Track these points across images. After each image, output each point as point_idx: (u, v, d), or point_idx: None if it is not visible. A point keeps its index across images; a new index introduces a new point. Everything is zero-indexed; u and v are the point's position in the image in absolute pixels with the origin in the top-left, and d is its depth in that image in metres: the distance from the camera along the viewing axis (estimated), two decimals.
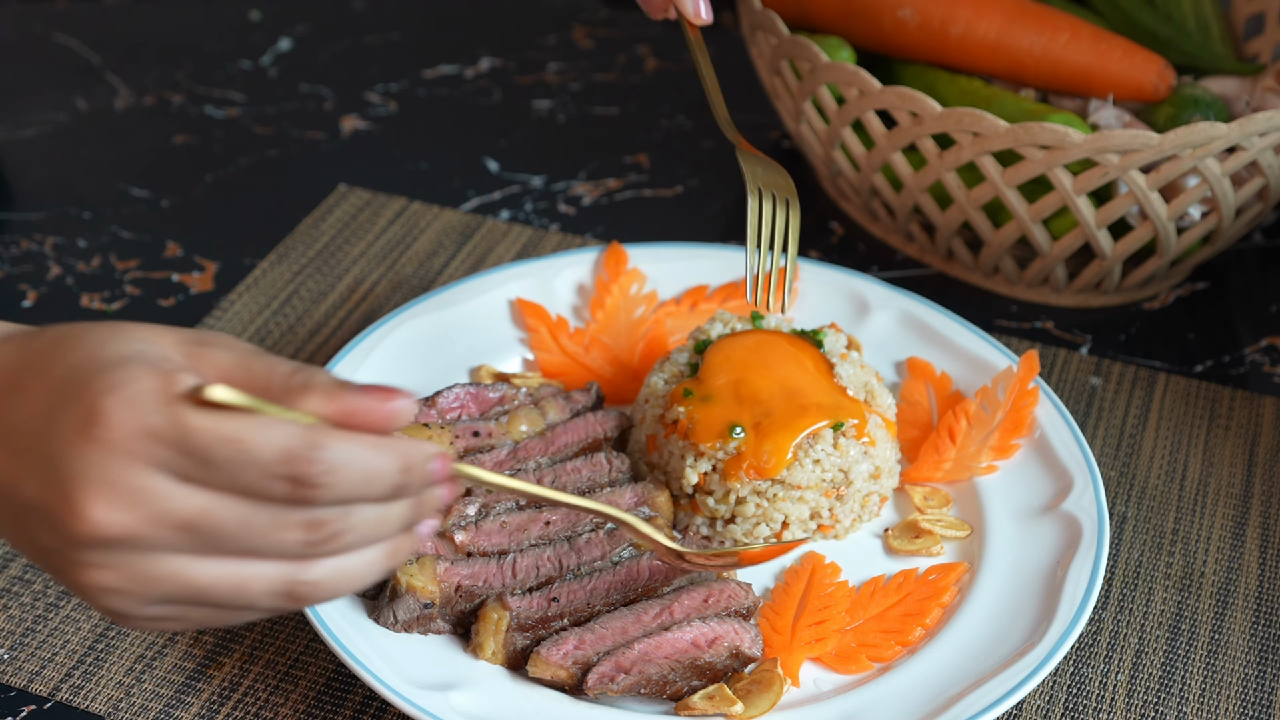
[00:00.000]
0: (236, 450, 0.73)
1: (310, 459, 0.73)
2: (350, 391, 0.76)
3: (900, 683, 1.05)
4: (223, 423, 0.73)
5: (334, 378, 0.77)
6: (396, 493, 0.77)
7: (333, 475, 0.74)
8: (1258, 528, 1.23)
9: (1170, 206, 1.34)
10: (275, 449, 0.73)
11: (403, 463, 0.76)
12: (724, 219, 1.57)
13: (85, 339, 0.77)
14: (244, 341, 0.80)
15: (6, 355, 0.79)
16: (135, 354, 0.75)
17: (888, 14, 1.49)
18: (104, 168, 1.60)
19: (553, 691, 1.02)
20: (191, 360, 0.77)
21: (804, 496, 1.13)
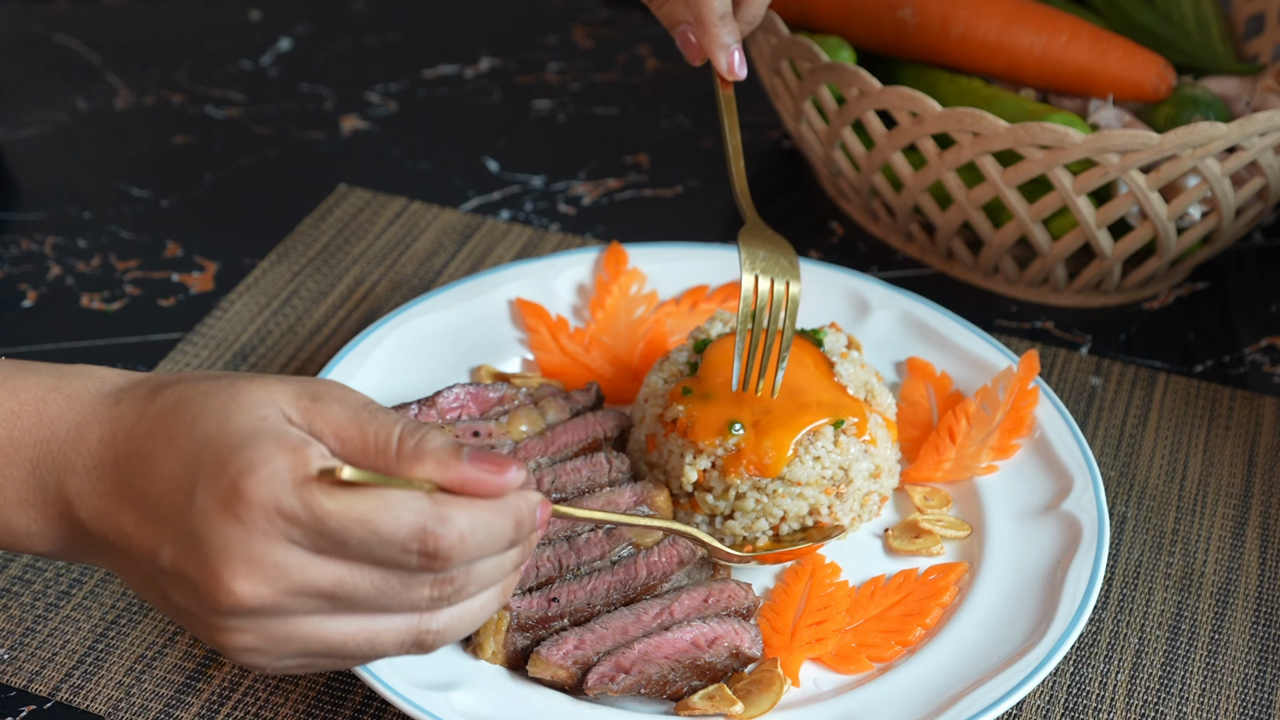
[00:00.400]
0: (369, 531, 0.78)
1: (439, 535, 0.79)
2: (463, 461, 0.81)
3: (900, 683, 1.05)
4: (354, 504, 0.78)
5: (445, 439, 0.82)
6: (512, 544, 0.84)
7: (461, 545, 0.80)
8: (1258, 528, 1.23)
9: (1170, 206, 1.34)
10: (405, 527, 0.79)
11: (516, 519, 0.82)
12: (724, 219, 1.57)
13: (208, 407, 0.82)
14: (353, 391, 0.84)
15: (124, 417, 0.84)
16: (263, 427, 0.80)
17: (888, 14, 1.49)
18: (104, 168, 1.60)
19: (553, 691, 1.02)
20: (308, 418, 0.82)
21: (804, 493, 1.13)
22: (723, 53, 1.18)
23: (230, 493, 0.78)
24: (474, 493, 0.81)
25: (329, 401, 0.83)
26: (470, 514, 0.80)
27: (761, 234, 1.18)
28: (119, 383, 0.87)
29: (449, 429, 1.17)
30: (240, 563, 0.78)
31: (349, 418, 0.82)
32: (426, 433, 0.82)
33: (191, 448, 0.80)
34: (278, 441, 0.79)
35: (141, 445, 0.82)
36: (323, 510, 0.77)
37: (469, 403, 1.20)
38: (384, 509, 0.78)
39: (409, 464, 0.81)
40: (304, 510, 0.77)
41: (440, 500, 0.80)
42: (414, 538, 0.79)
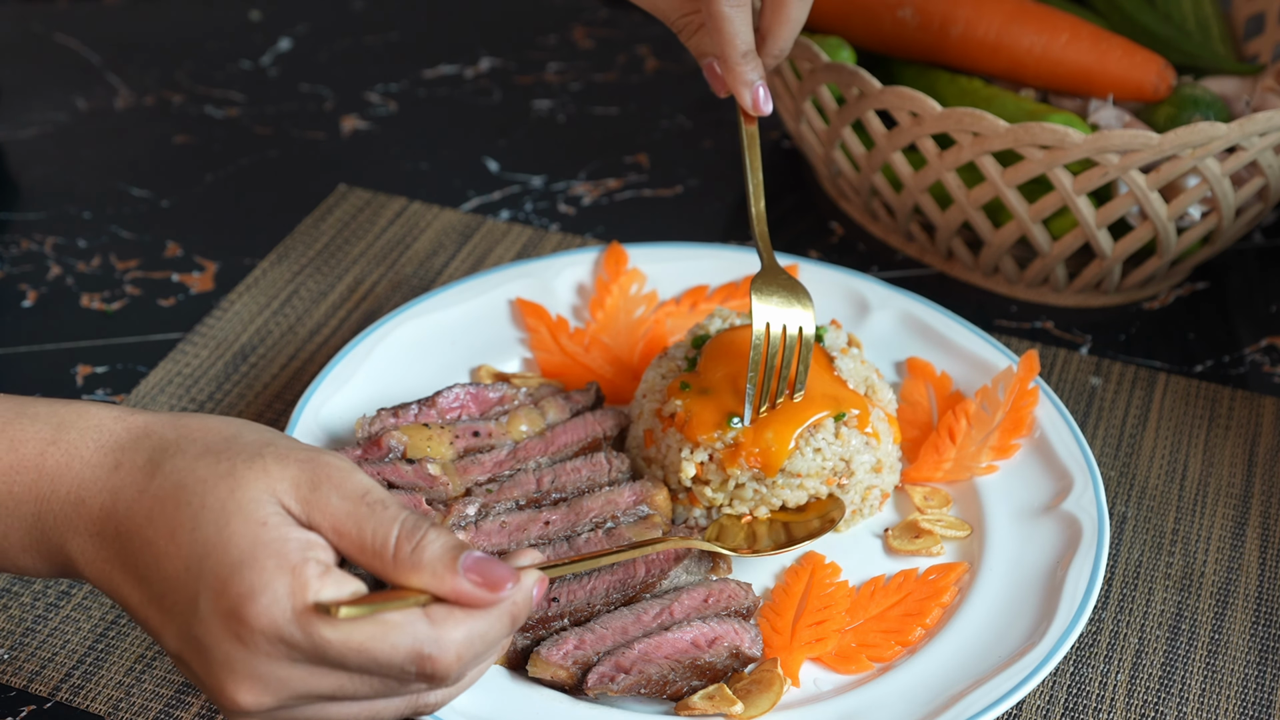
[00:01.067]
0: (368, 658, 0.81)
1: (435, 658, 0.82)
2: (458, 575, 0.82)
3: (900, 683, 1.05)
4: (351, 633, 0.80)
5: (441, 547, 0.83)
6: (507, 636, 0.87)
7: (458, 660, 0.83)
8: (1258, 528, 1.23)
9: (1170, 206, 1.34)
10: (403, 653, 0.81)
11: (512, 616, 0.86)
12: (724, 219, 1.57)
13: (207, 503, 0.83)
14: (355, 475, 0.85)
15: (123, 491, 0.85)
16: (263, 539, 0.81)
17: (888, 14, 1.49)
18: (104, 168, 1.60)
19: (553, 691, 1.02)
20: (306, 509, 0.83)
21: (804, 484, 1.13)
22: (746, 90, 1.17)
23: (232, 616, 0.80)
24: (468, 605, 0.83)
25: (328, 491, 0.84)
26: (467, 628, 0.83)
27: (777, 279, 1.15)
28: (118, 435, 0.87)
29: (449, 429, 1.17)
30: (244, 677, 0.81)
31: (348, 511, 0.83)
32: (424, 536, 0.83)
33: (193, 551, 0.82)
34: (277, 561, 0.80)
35: (143, 530, 0.83)
36: (322, 639, 0.80)
37: (469, 403, 1.20)
38: (381, 637, 0.81)
39: (405, 572, 0.83)
40: (304, 639, 0.80)
41: (437, 619, 0.82)
42: (411, 661, 0.81)
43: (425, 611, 0.82)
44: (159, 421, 0.88)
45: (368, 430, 1.16)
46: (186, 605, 0.82)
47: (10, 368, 1.34)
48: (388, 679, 0.83)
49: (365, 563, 0.84)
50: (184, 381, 1.32)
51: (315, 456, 0.85)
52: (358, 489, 0.84)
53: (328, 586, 0.81)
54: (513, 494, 1.13)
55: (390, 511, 0.84)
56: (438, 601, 0.83)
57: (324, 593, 0.80)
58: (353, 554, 0.84)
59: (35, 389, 1.31)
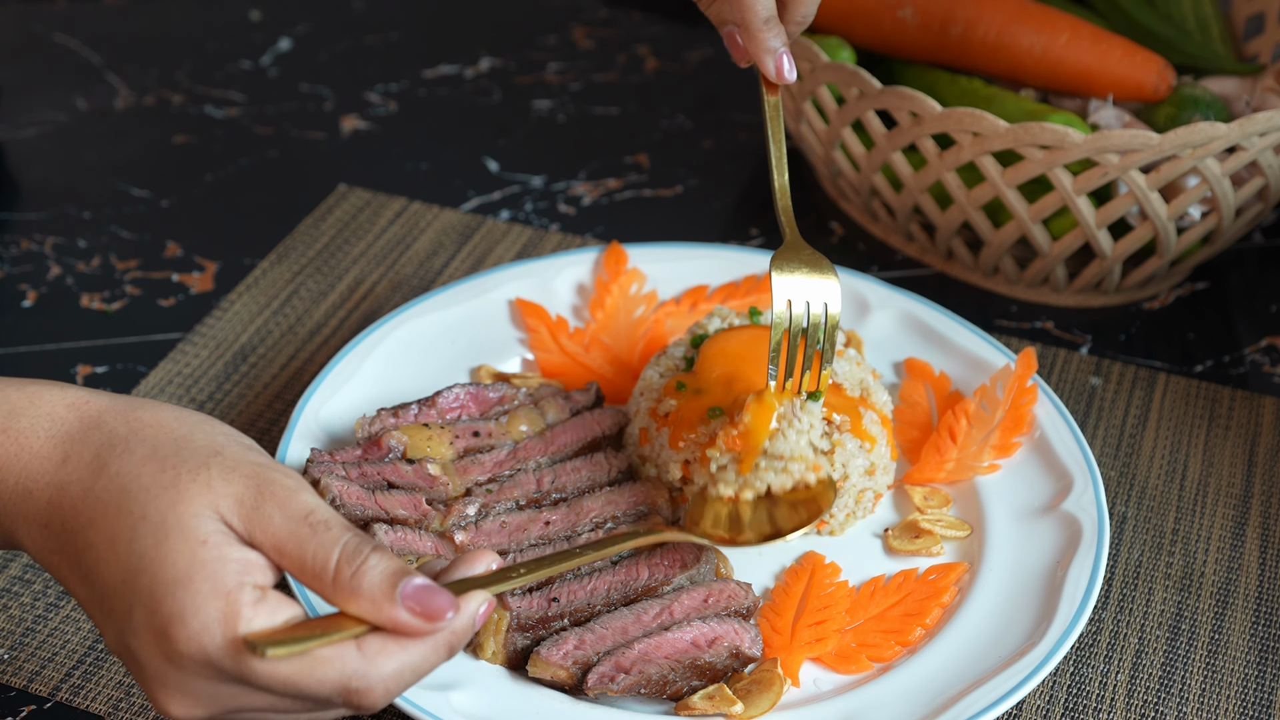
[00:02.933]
0: (295, 691, 0.80)
1: (362, 690, 0.81)
2: (396, 605, 0.81)
3: (900, 683, 1.05)
4: (278, 669, 0.79)
5: (381, 574, 0.81)
6: (443, 663, 0.84)
7: (385, 693, 0.81)
8: (1258, 528, 1.23)
9: (1170, 206, 1.34)
10: (330, 686, 0.80)
11: (449, 646, 0.83)
12: (724, 219, 1.57)
13: (148, 514, 0.82)
14: (301, 493, 0.84)
15: (69, 488, 0.84)
16: (199, 558, 0.80)
17: (888, 14, 1.49)
18: (104, 168, 1.60)
19: (553, 691, 1.02)
20: (248, 526, 0.82)
21: (788, 468, 1.10)
22: (769, 57, 1.13)
23: (163, 635, 0.80)
24: (405, 635, 0.82)
25: (271, 508, 0.82)
26: (399, 659, 0.81)
27: (800, 254, 1.11)
28: (69, 425, 0.86)
29: (449, 429, 1.17)
30: (174, 691, 0.81)
31: (290, 531, 0.82)
32: (365, 561, 0.81)
33: (130, 564, 0.81)
34: (211, 585, 0.79)
35: (85, 532, 0.83)
36: (249, 670, 0.79)
37: (469, 403, 1.20)
38: (308, 672, 0.80)
39: (344, 597, 0.81)
40: (231, 666, 0.79)
41: (368, 652, 0.81)
42: (338, 693, 0.80)
43: (358, 642, 0.81)
44: (111, 411, 0.87)
45: (368, 430, 1.16)
46: (123, 613, 0.81)
47: (10, 368, 1.34)
48: (316, 705, 0.82)
49: (307, 583, 0.83)
50: (184, 381, 1.32)
51: (262, 472, 0.84)
52: (301, 508, 0.83)
53: (260, 615, 0.80)
54: (513, 494, 1.13)
55: (332, 534, 0.82)
56: (375, 631, 0.81)
57: (256, 621, 0.79)
58: (294, 573, 0.83)
59: None
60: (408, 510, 1.09)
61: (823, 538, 1.18)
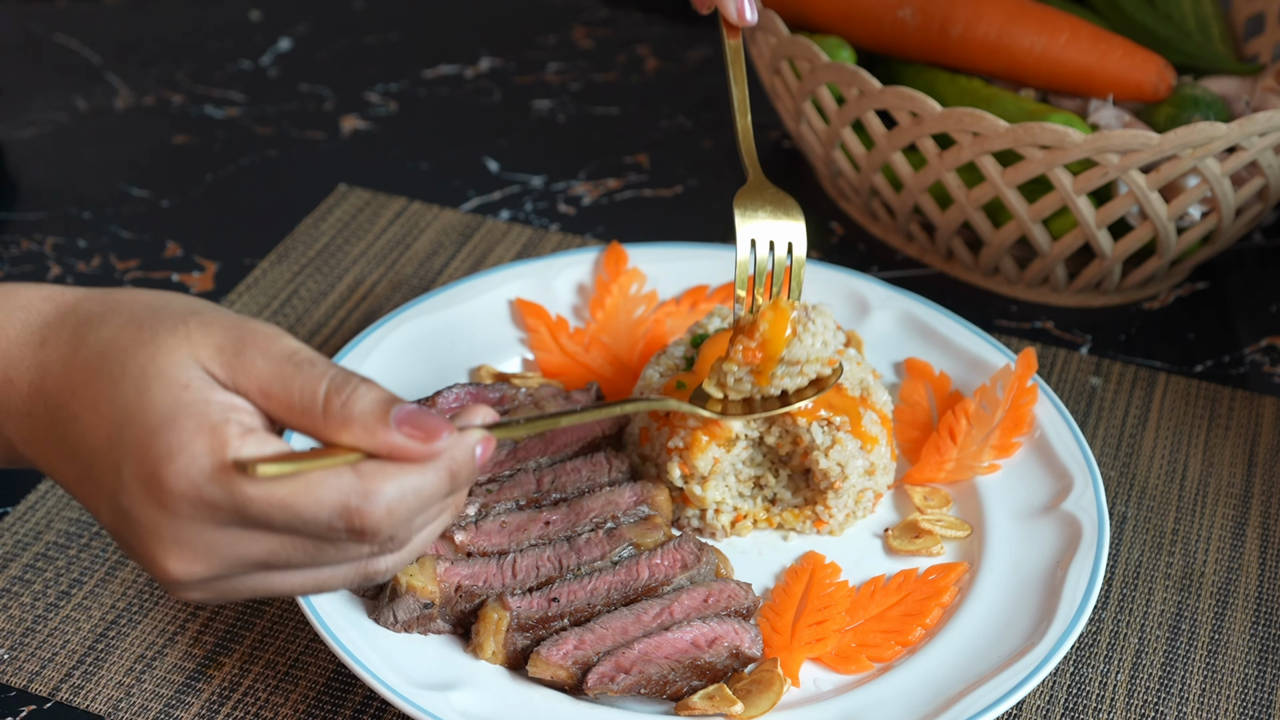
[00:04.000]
0: (292, 514, 0.77)
1: (364, 510, 0.78)
2: (390, 429, 0.79)
3: (900, 683, 1.05)
4: (274, 489, 0.77)
5: (372, 400, 0.79)
6: (449, 494, 0.82)
7: (389, 517, 0.79)
8: (1258, 528, 1.23)
9: (1170, 206, 1.34)
10: (329, 507, 0.78)
11: (450, 472, 0.81)
12: (724, 219, 1.57)
13: (128, 369, 0.80)
14: (283, 338, 0.82)
15: (49, 366, 0.83)
16: (183, 400, 0.78)
17: (888, 14, 1.49)
18: (104, 168, 1.60)
19: (553, 691, 1.02)
20: (230, 373, 0.80)
21: (804, 370, 1.09)
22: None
23: (152, 479, 0.77)
24: (402, 459, 0.79)
25: (253, 353, 0.80)
26: (398, 481, 0.79)
27: (763, 193, 1.11)
28: (45, 314, 0.85)
29: None
30: (171, 544, 0.78)
31: (273, 372, 0.80)
32: (354, 390, 0.79)
33: (114, 419, 0.79)
34: (196, 422, 0.78)
35: (69, 404, 0.81)
36: (243, 496, 0.77)
37: (469, 403, 1.20)
38: (305, 491, 0.77)
39: (335, 427, 0.79)
40: (225, 497, 0.77)
41: (365, 473, 0.78)
42: (338, 516, 0.78)
43: (354, 467, 0.78)
44: (88, 297, 0.86)
45: None
46: (112, 475, 0.79)
47: None
48: (319, 540, 0.79)
49: (295, 422, 0.80)
50: None
51: (242, 323, 0.82)
52: (285, 350, 0.81)
53: (249, 445, 0.78)
54: (513, 494, 1.13)
55: (318, 369, 0.80)
56: (371, 459, 0.79)
57: (245, 450, 0.77)
58: (281, 415, 0.80)
59: None
60: None
61: (823, 538, 1.18)
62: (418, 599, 1.04)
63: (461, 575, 1.05)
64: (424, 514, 0.82)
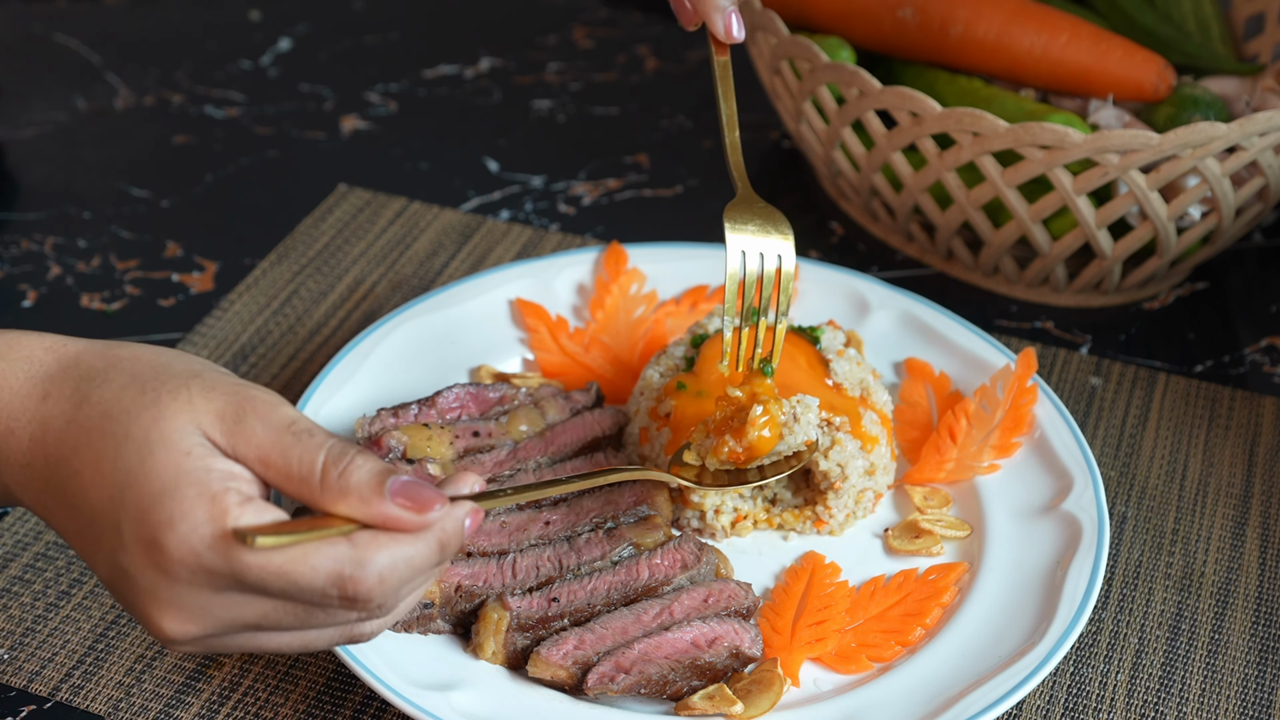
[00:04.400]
0: (288, 582, 0.80)
1: (357, 579, 0.80)
2: (385, 500, 0.81)
3: (900, 683, 1.05)
4: (271, 558, 0.79)
5: (368, 472, 0.82)
6: (437, 565, 0.85)
7: (381, 585, 0.81)
8: (1258, 528, 1.23)
9: (1170, 206, 1.34)
10: (323, 575, 0.80)
11: (440, 543, 0.84)
12: (724, 219, 1.57)
13: (131, 433, 0.82)
14: (282, 407, 0.84)
15: (51, 421, 0.85)
16: (184, 467, 0.81)
17: (888, 14, 1.49)
18: (104, 168, 1.60)
19: (553, 691, 1.02)
20: (231, 440, 0.83)
21: (784, 457, 1.13)
22: (718, 15, 1.16)
23: (153, 544, 0.80)
24: (395, 529, 0.82)
25: (253, 421, 0.83)
26: (390, 552, 0.81)
27: (752, 207, 1.13)
28: (48, 366, 0.87)
29: (449, 429, 1.17)
30: (167, 605, 0.81)
31: (272, 441, 0.83)
32: (351, 461, 0.82)
33: (116, 481, 0.81)
34: (197, 490, 0.80)
35: (70, 460, 0.83)
36: (241, 564, 0.79)
37: (469, 403, 1.20)
38: (301, 560, 0.80)
39: (332, 498, 0.82)
40: (223, 564, 0.79)
41: (359, 543, 0.81)
42: (332, 584, 0.80)
43: (349, 537, 0.81)
44: (89, 351, 0.88)
45: (368, 430, 1.16)
46: (112, 533, 0.81)
47: None
48: (311, 605, 0.82)
49: (293, 491, 0.83)
50: None
51: (242, 390, 0.84)
52: (284, 419, 0.83)
53: (248, 513, 0.80)
54: None
55: (316, 440, 0.83)
56: (365, 529, 0.82)
57: (244, 519, 0.80)
58: (280, 484, 0.83)
59: None
60: None
61: (823, 538, 1.18)
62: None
63: (461, 575, 1.05)
64: (412, 582, 0.84)
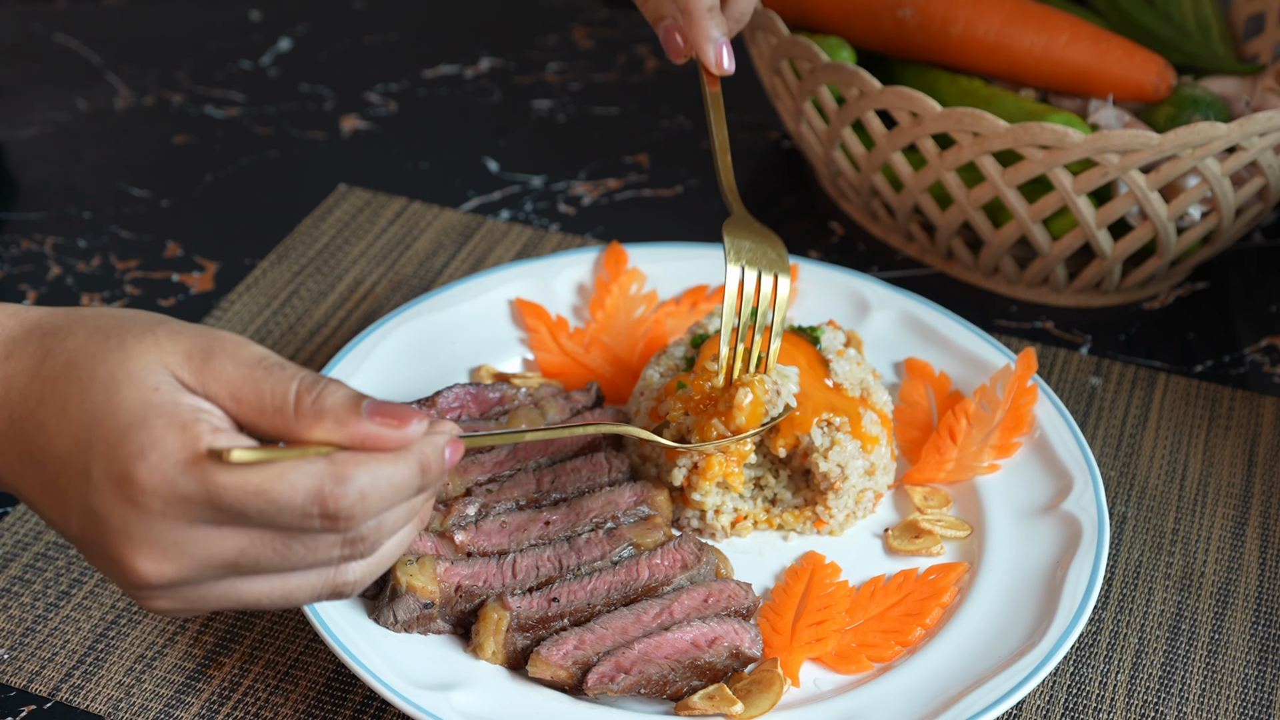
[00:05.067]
0: (267, 501, 0.78)
1: (338, 494, 0.79)
2: (361, 418, 0.80)
3: (900, 683, 1.05)
4: (248, 477, 0.77)
5: (344, 395, 0.80)
6: (419, 490, 0.82)
7: (362, 503, 0.79)
8: (1258, 528, 1.23)
9: (1170, 206, 1.34)
10: (303, 492, 0.78)
11: (421, 465, 0.81)
12: (724, 219, 1.57)
13: (97, 375, 0.81)
14: (251, 345, 0.83)
15: (15, 378, 0.83)
16: (153, 401, 0.79)
17: (888, 14, 1.49)
18: (104, 168, 1.60)
19: (553, 691, 1.02)
20: (200, 378, 0.81)
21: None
22: (710, 46, 1.16)
23: (123, 477, 0.78)
24: (375, 448, 0.80)
25: (222, 359, 0.81)
26: (370, 470, 0.79)
27: (748, 226, 1.16)
28: (10, 330, 0.85)
29: None
30: (141, 543, 0.79)
31: (244, 376, 0.81)
32: (324, 388, 0.80)
33: (82, 422, 0.80)
34: (167, 420, 0.78)
35: (35, 413, 0.82)
36: (216, 486, 0.77)
37: (469, 403, 1.20)
38: (279, 477, 0.78)
39: (307, 424, 0.80)
40: (198, 488, 0.77)
41: (338, 460, 0.79)
42: (312, 502, 0.78)
43: (328, 456, 0.79)
44: (52, 313, 0.86)
45: None
46: (80, 478, 0.79)
47: None
48: (291, 532, 0.80)
49: (266, 425, 0.81)
50: None
51: (209, 331, 0.83)
52: (253, 355, 0.82)
53: (221, 439, 0.78)
54: (513, 494, 1.13)
55: (288, 371, 0.81)
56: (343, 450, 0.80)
57: (219, 441, 0.78)
58: (253, 419, 0.81)
59: None
60: None
61: (823, 538, 1.18)
62: (418, 599, 1.04)
63: (461, 575, 1.05)
64: (394, 512, 0.82)
